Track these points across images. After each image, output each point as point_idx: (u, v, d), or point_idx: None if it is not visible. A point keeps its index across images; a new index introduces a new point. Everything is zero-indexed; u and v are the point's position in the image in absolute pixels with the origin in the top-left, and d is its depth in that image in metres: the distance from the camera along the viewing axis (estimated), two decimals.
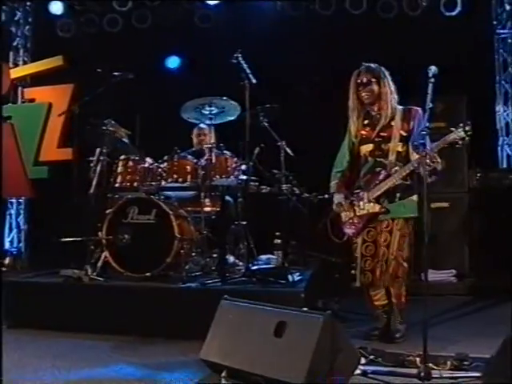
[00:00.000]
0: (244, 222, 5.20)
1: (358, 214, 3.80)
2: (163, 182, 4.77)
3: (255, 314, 3.19)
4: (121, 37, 7.03)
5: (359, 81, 3.87)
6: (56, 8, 7.01)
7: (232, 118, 4.94)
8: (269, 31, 6.54)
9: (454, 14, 6.40)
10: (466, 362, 3.23)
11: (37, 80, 7.13)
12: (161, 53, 7.16)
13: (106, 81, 5.07)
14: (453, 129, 3.38)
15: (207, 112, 4.79)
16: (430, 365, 3.04)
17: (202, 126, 5.73)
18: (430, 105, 3.19)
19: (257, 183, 5.05)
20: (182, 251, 4.52)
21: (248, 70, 4.50)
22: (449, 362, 3.20)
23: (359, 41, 6.43)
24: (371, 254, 3.80)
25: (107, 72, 5.12)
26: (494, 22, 6.46)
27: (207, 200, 4.97)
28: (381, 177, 3.75)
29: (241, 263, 5.05)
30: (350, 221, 3.84)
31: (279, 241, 5.52)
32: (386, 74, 3.89)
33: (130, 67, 5.22)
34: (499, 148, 6.39)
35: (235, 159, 4.83)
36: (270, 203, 5.16)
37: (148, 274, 4.43)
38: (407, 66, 5.22)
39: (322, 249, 5.58)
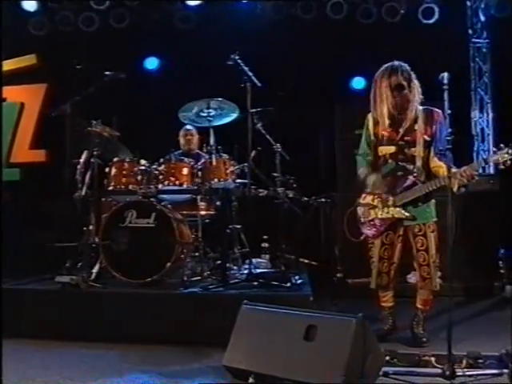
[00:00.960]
0: (238, 226, 5.19)
1: (380, 216, 3.74)
2: (160, 185, 4.66)
3: (280, 318, 3.16)
4: (97, 36, 6.85)
5: (395, 83, 3.61)
6: (29, 5, 6.77)
7: (229, 120, 4.90)
8: (249, 33, 6.52)
9: (431, 21, 6.59)
10: (480, 360, 3.31)
11: (8, 79, 6.83)
12: (139, 54, 7.03)
13: (96, 80, 4.91)
14: (494, 149, 3.39)
15: (205, 114, 4.74)
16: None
17: (188, 127, 5.69)
18: (449, 111, 3.24)
19: (254, 186, 5.02)
20: (182, 256, 4.43)
21: (250, 73, 4.44)
22: (464, 361, 3.27)
23: (338, 45, 6.53)
24: (388, 257, 3.81)
25: (97, 71, 4.97)
26: (470, 32, 6.69)
27: (202, 203, 4.90)
28: (408, 182, 3.68)
29: (235, 267, 5.01)
30: (372, 222, 3.77)
31: (267, 244, 5.54)
32: (412, 73, 3.69)
33: (107, 68, 5.03)
34: (475, 154, 6.60)
35: (232, 162, 4.79)
36: (265, 206, 5.13)
37: (149, 279, 4.29)
38: None
39: (309, 252, 5.64)
